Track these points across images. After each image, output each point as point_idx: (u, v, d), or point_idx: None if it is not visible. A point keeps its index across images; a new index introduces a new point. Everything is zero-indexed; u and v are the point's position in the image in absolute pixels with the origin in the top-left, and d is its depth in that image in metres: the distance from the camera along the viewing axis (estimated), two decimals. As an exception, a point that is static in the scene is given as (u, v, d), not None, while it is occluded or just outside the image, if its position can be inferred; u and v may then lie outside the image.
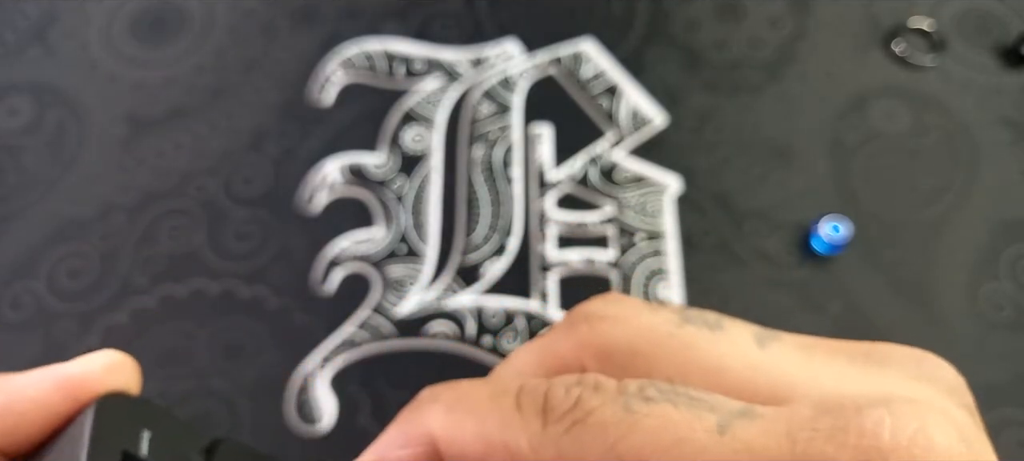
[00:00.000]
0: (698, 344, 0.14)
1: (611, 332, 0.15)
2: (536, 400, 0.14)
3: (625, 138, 0.43)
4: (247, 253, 0.40)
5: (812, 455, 0.11)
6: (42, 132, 0.44)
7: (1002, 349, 0.37)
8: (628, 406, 0.13)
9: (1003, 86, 0.44)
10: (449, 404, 0.14)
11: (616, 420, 0.13)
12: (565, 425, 0.13)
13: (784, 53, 0.46)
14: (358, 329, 0.38)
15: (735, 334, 0.14)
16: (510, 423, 0.14)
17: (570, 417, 0.13)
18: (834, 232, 0.39)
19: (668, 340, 0.14)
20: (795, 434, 0.12)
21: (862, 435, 0.11)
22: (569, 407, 0.13)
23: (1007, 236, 0.40)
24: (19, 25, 0.48)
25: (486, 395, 0.14)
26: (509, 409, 0.14)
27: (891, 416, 0.12)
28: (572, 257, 0.40)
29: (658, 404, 0.13)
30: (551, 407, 0.13)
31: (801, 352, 0.14)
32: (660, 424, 0.12)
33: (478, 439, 0.14)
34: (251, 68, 0.46)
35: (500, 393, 0.14)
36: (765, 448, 0.12)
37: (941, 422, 0.12)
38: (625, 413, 0.13)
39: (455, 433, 0.14)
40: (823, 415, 0.12)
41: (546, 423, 0.13)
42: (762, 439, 0.12)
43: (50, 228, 0.41)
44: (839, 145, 0.43)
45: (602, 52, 0.46)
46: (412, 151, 0.43)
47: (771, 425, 0.12)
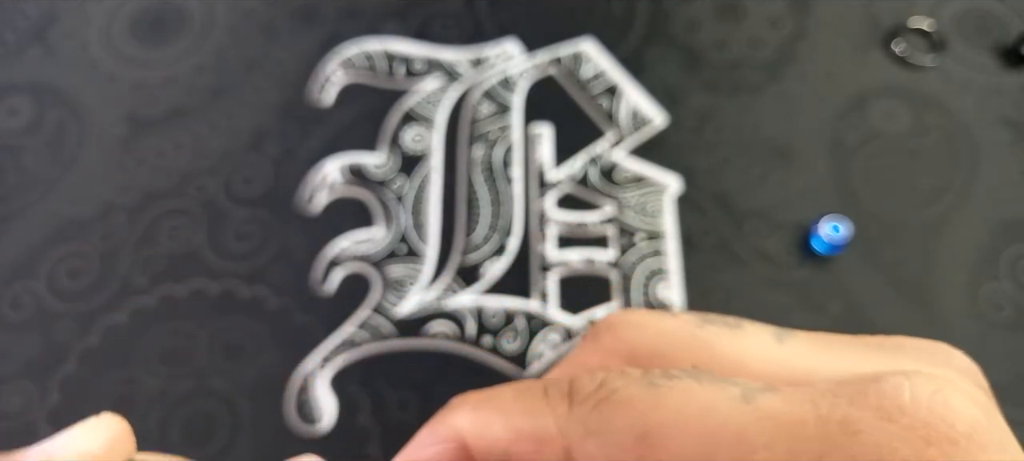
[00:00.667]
0: (718, 342, 0.15)
1: (634, 337, 0.15)
2: (561, 388, 0.14)
3: (625, 138, 0.43)
4: (247, 253, 0.40)
5: (834, 417, 0.12)
6: (42, 132, 0.44)
7: (1002, 349, 0.37)
8: (652, 382, 0.13)
9: (1003, 86, 0.44)
10: (476, 403, 0.15)
11: (640, 395, 0.13)
12: (591, 404, 0.13)
13: (784, 53, 0.46)
14: (358, 329, 0.38)
15: (754, 332, 0.15)
16: (537, 411, 0.14)
17: (596, 397, 0.13)
18: (834, 232, 0.39)
19: (690, 340, 0.15)
20: (817, 400, 0.12)
21: (882, 397, 0.12)
22: (594, 388, 0.14)
23: (1007, 236, 0.40)
24: (19, 25, 0.48)
25: (512, 392, 0.15)
26: (536, 399, 0.14)
27: (909, 382, 0.12)
28: (572, 257, 0.40)
29: (681, 380, 0.13)
30: (577, 390, 0.14)
31: (818, 344, 0.14)
32: (685, 397, 0.13)
33: (506, 430, 0.14)
34: (251, 68, 0.46)
35: (525, 389, 0.15)
36: (789, 413, 0.12)
37: (958, 390, 0.12)
38: (649, 388, 0.13)
39: (483, 428, 0.14)
40: (843, 385, 0.12)
41: (572, 405, 0.14)
42: (785, 406, 0.12)
43: (50, 228, 0.41)
44: (839, 145, 0.43)
45: (602, 52, 0.46)
46: (412, 151, 0.43)
47: (793, 395, 0.12)
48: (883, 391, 0.12)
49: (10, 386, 0.37)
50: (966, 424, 0.11)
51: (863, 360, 0.14)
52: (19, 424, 0.36)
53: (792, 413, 0.12)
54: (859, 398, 0.12)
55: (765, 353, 0.14)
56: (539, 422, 0.14)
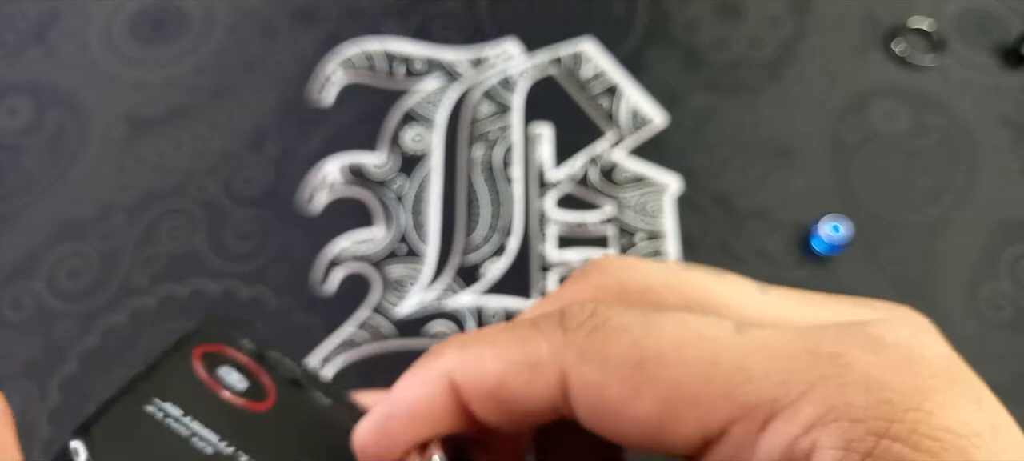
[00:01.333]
0: (706, 283, 0.15)
1: (624, 275, 0.15)
2: (552, 316, 0.14)
3: (625, 138, 0.43)
4: (247, 253, 0.40)
5: (824, 350, 0.12)
6: (42, 132, 0.44)
7: (1002, 349, 0.37)
8: (646, 313, 0.13)
9: (1003, 86, 0.44)
10: (463, 341, 0.15)
11: (636, 322, 0.13)
12: (586, 330, 0.13)
13: (784, 53, 0.46)
14: (358, 329, 0.38)
15: (738, 281, 0.15)
16: (529, 338, 0.14)
17: (590, 323, 0.13)
18: (834, 232, 0.39)
19: (677, 278, 0.15)
20: (806, 336, 0.13)
21: (867, 337, 0.12)
22: (587, 316, 0.14)
23: (1007, 236, 0.40)
24: (19, 25, 0.48)
25: (501, 327, 0.15)
26: (526, 329, 0.14)
27: (890, 325, 0.13)
28: (572, 257, 0.40)
29: (675, 312, 0.13)
30: (569, 318, 0.14)
31: (796, 297, 0.15)
32: (680, 326, 0.13)
33: (497, 361, 0.14)
34: (251, 68, 0.46)
35: (514, 323, 0.15)
36: (781, 345, 0.12)
37: (927, 327, 0.13)
38: (644, 317, 0.13)
39: (472, 364, 0.14)
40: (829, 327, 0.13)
41: (566, 331, 0.14)
42: (776, 339, 0.13)
43: (50, 228, 0.41)
44: (839, 145, 0.43)
45: (602, 52, 0.46)
46: (412, 151, 0.43)
47: (783, 330, 0.13)
48: (867, 331, 0.13)
49: (10, 386, 0.37)
50: (943, 358, 0.13)
51: (838, 312, 0.14)
52: (19, 424, 0.36)
53: (785, 345, 0.12)
54: (845, 336, 0.12)
55: (748, 300, 0.15)
56: (531, 349, 0.14)
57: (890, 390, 0.12)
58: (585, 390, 0.13)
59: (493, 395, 0.14)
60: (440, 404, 0.14)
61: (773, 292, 0.15)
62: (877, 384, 0.12)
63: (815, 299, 0.15)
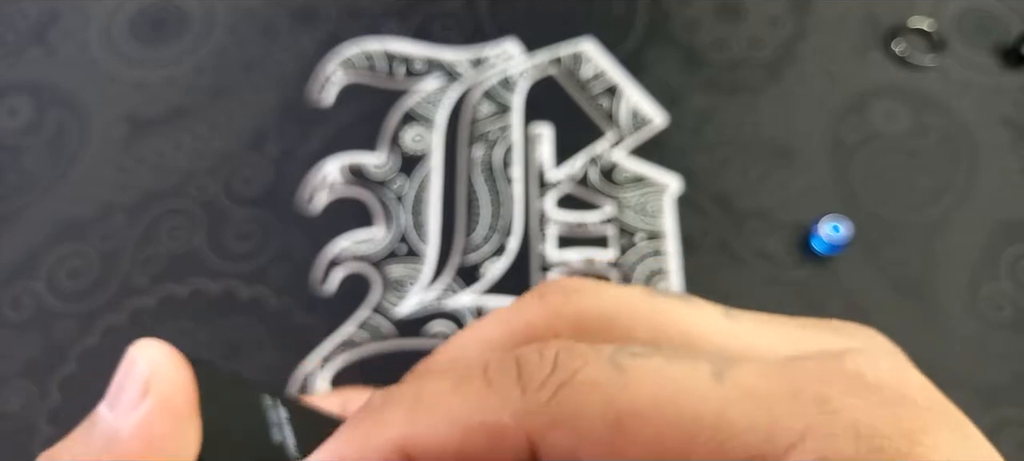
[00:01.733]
0: (671, 311, 0.14)
1: (584, 301, 0.15)
2: (507, 370, 0.13)
3: (625, 138, 0.43)
4: (247, 253, 0.40)
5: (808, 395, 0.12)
6: (42, 132, 0.44)
7: (1002, 349, 0.37)
8: (616, 362, 0.12)
9: (1003, 86, 0.44)
10: (410, 404, 0.13)
11: (607, 377, 0.12)
12: (550, 389, 0.12)
13: (784, 53, 0.46)
14: (358, 329, 0.38)
15: (704, 307, 0.14)
16: (484, 401, 0.12)
17: (554, 380, 0.12)
18: (834, 232, 0.39)
19: (641, 306, 0.14)
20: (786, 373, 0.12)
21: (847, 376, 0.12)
22: (549, 370, 0.12)
23: (1007, 236, 0.40)
24: (19, 25, 0.48)
25: (449, 384, 0.13)
26: (479, 388, 0.13)
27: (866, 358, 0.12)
28: (572, 257, 0.40)
29: (648, 358, 0.12)
30: (528, 374, 0.12)
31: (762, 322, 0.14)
32: (656, 378, 0.12)
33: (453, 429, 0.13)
34: (251, 68, 0.46)
35: (464, 377, 0.13)
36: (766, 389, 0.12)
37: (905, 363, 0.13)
38: (615, 370, 0.12)
39: (426, 434, 0.13)
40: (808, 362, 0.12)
41: (526, 390, 0.12)
42: (758, 383, 0.12)
43: (50, 228, 0.41)
44: (839, 145, 0.43)
45: (602, 52, 0.46)
46: (412, 151, 0.43)
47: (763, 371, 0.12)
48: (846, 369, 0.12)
49: (10, 386, 0.37)
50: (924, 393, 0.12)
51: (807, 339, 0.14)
52: (19, 424, 0.36)
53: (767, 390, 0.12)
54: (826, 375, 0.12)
55: (716, 326, 0.14)
56: (489, 414, 0.12)
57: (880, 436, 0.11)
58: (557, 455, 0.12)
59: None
60: None
61: (738, 317, 0.14)
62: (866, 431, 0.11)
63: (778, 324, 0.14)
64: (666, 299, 0.14)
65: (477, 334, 0.16)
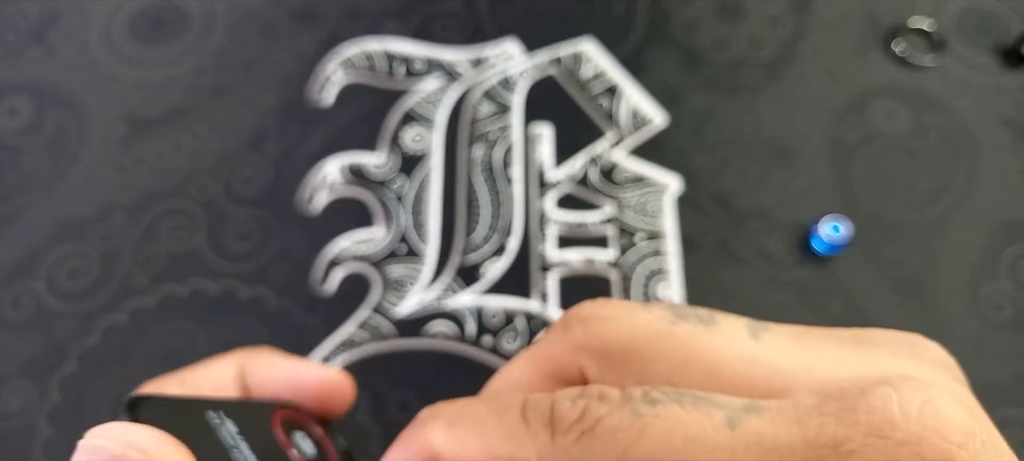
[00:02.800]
0: (693, 340, 0.14)
1: (606, 332, 0.15)
2: (542, 413, 0.13)
3: (625, 138, 0.43)
4: (247, 253, 0.40)
5: (824, 439, 0.11)
6: (42, 132, 0.44)
7: (1002, 349, 0.37)
8: (636, 410, 0.13)
9: (1003, 86, 0.44)
10: (450, 421, 0.14)
11: (625, 425, 0.13)
12: (574, 435, 0.13)
13: (784, 53, 0.46)
14: (358, 329, 0.38)
15: (728, 328, 0.14)
16: (517, 437, 0.13)
17: (579, 427, 0.13)
18: (834, 232, 0.39)
19: (664, 338, 0.14)
20: (804, 421, 0.12)
21: (871, 412, 0.11)
22: (576, 417, 0.13)
23: (1007, 236, 0.40)
24: (19, 25, 0.48)
25: (488, 412, 0.14)
26: (515, 423, 0.14)
27: (896, 392, 0.12)
28: (572, 257, 0.40)
29: (665, 406, 0.13)
30: (558, 418, 0.13)
31: (793, 340, 0.14)
32: (670, 425, 0.12)
33: (484, 454, 0.14)
34: (251, 68, 0.46)
35: (503, 408, 0.14)
36: (776, 437, 0.12)
37: (944, 394, 0.12)
38: (634, 417, 0.13)
39: (459, 450, 0.14)
40: (828, 401, 0.12)
41: (554, 434, 0.13)
42: (772, 429, 0.12)
43: (50, 228, 0.41)
44: (839, 145, 0.43)
45: (602, 52, 0.46)
46: (412, 151, 0.43)
47: (779, 415, 0.12)
48: (872, 406, 0.11)
49: (10, 386, 0.37)
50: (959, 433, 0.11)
51: (840, 359, 0.13)
52: (19, 424, 0.36)
53: (779, 437, 0.12)
54: (848, 415, 0.11)
55: (741, 351, 0.14)
56: (519, 449, 0.13)
57: None
58: None
59: None
60: None
61: (766, 335, 0.14)
62: None
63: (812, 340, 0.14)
64: (689, 325, 0.14)
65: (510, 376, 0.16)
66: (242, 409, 0.17)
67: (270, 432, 0.17)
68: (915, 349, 0.14)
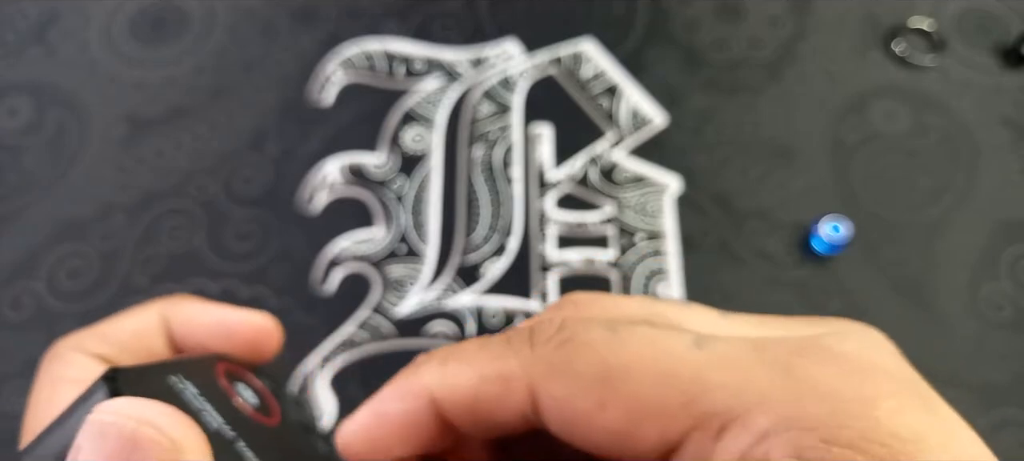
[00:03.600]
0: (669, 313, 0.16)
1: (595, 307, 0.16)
2: (523, 332, 0.15)
3: (625, 138, 0.43)
4: (247, 253, 0.40)
5: (779, 363, 0.13)
6: (42, 132, 0.44)
7: (1002, 349, 0.37)
8: (613, 327, 0.14)
9: (1003, 86, 0.44)
10: (442, 358, 0.16)
11: (601, 338, 0.14)
12: (554, 345, 0.14)
13: (784, 53, 0.46)
14: (358, 329, 0.38)
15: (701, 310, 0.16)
16: (501, 354, 0.15)
17: (558, 337, 0.14)
18: (834, 232, 0.39)
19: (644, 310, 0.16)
20: (761, 346, 0.13)
21: (819, 349, 0.13)
22: (556, 329, 0.14)
23: (1007, 236, 0.40)
24: (19, 25, 0.48)
25: (477, 343, 0.15)
26: (499, 345, 0.15)
27: (841, 337, 0.13)
28: (572, 257, 0.40)
29: (639, 326, 0.14)
30: (539, 331, 0.15)
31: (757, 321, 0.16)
32: (645, 340, 0.14)
33: (472, 377, 0.15)
34: (251, 68, 0.46)
35: (488, 339, 0.15)
36: (738, 357, 0.13)
37: (880, 341, 0.14)
38: (609, 332, 0.14)
39: (451, 379, 0.15)
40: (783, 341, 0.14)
41: (535, 345, 0.14)
42: (734, 351, 0.13)
43: (50, 228, 0.41)
44: (839, 145, 0.43)
45: (602, 52, 0.46)
46: (412, 151, 0.43)
47: (738, 343, 0.14)
48: (820, 343, 0.13)
49: (10, 386, 0.37)
50: (894, 367, 0.13)
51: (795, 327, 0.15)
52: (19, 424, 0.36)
53: (741, 357, 0.13)
54: (799, 348, 0.13)
55: (710, 321, 0.15)
56: (503, 364, 0.14)
57: (841, 399, 0.12)
58: (553, 403, 0.14)
59: (469, 409, 0.15)
60: (424, 421, 0.15)
61: (734, 317, 0.16)
62: (828, 393, 0.12)
63: (774, 323, 0.15)
64: (664, 303, 0.16)
65: None
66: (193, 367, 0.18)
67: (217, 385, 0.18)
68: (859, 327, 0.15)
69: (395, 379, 0.16)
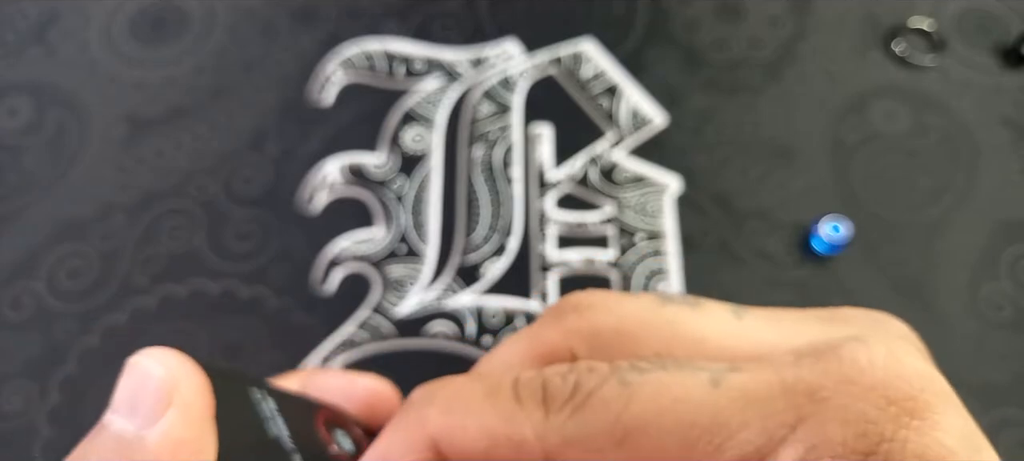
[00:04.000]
0: (679, 320, 0.15)
1: (597, 318, 0.16)
2: (535, 391, 0.14)
3: (625, 138, 0.43)
4: (247, 253, 0.40)
5: (801, 387, 0.12)
6: (42, 132, 0.44)
7: (1002, 349, 0.37)
8: (623, 380, 0.13)
9: (1003, 86, 0.44)
10: (446, 405, 0.15)
11: (615, 395, 0.13)
12: (568, 411, 0.14)
13: (784, 53, 0.46)
14: (358, 329, 0.38)
15: (712, 309, 0.15)
16: (512, 417, 0.14)
17: (572, 403, 0.14)
18: (834, 232, 0.39)
19: (652, 320, 0.15)
20: (782, 372, 0.13)
21: (842, 363, 0.13)
22: (569, 394, 0.14)
23: (1007, 236, 0.40)
24: (19, 25, 0.48)
25: (482, 393, 0.15)
26: (508, 403, 0.14)
27: (864, 346, 0.13)
28: (572, 257, 0.40)
29: (651, 373, 0.13)
30: (551, 396, 0.14)
31: (773, 318, 0.15)
32: (657, 390, 0.13)
33: (482, 437, 0.14)
34: (251, 68, 0.46)
35: (496, 389, 0.14)
36: (757, 390, 0.13)
37: (906, 348, 0.13)
38: (622, 387, 0.13)
39: (457, 434, 0.14)
40: (804, 357, 0.13)
41: (548, 412, 0.14)
42: (752, 383, 0.13)
43: (50, 228, 0.41)
44: (839, 145, 0.43)
45: (602, 52, 0.46)
46: (412, 151, 0.43)
47: (758, 372, 0.13)
48: (842, 358, 0.13)
49: (10, 386, 0.37)
50: (919, 378, 0.12)
51: (815, 331, 0.14)
52: (19, 424, 0.36)
53: (760, 389, 0.13)
54: (822, 365, 0.13)
55: (725, 328, 0.15)
56: (515, 429, 0.14)
57: (866, 421, 0.12)
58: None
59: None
60: None
61: (748, 316, 0.15)
62: (854, 416, 0.12)
63: (790, 318, 0.15)
64: (675, 307, 0.15)
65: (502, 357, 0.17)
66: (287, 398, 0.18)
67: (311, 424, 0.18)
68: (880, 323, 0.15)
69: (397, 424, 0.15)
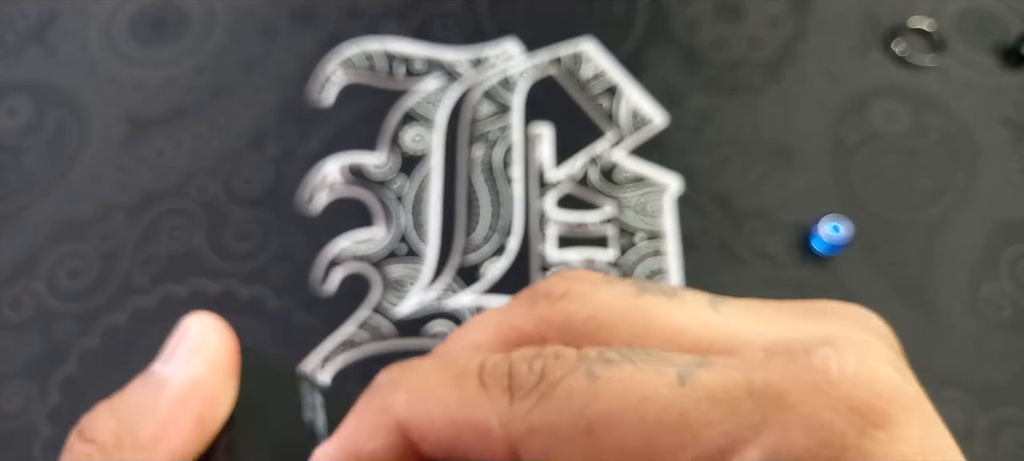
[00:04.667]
0: (655, 310, 0.15)
1: (570, 308, 0.15)
2: (500, 377, 0.14)
3: (625, 138, 0.43)
4: (247, 253, 0.40)
5: (769, 391, 0.12)
6: (42, 132, 0.44)
7: (1002, 349, 0.37)
8: (591, 372, 0.13)
9: (1003, 86, 0.44)
10: (411, 390, 0.15)
11: (581, 387, 0.13)
12: (533, 399, 0.13)
13: (784, 53, 0.46)
14: (358, 329, 0.38)
15: (690, 300, 0.15)
16: (477, 403, 0.14)
17: (537, 391, 0.13)
18: (834, 232, 0.39)
19: (627, 309, 0.15)
20: (750, 373, 0.13)
21: (812, 369, 0.12)
22: (535, 381, 0.14)
23: (1007, 236, 0.40)
24: (19, 25, 0.48)
25: (447, 378, 0.14)
26: (473, 389, 0.14)
27: (835, 351, 0.13)
28: (572, 257, 0.40)
29: (619, 366, 0.13)
30: (516, 384, 0.14)
31: (750, 310, 0.15)
32: (624, 385, 0.13)
33: (447, 423, 0.14)
34: (251, 68, 0.46)
35: (461, 374, 0.14)
36: (724, 390, 0.13)
37: (878, 355, 0.13)
38: (589, 380, 0.13)
39: (422, 419, 0.14)
40: (775, 356, 0.13)
41: (513, 399, 0.14)
42: (720, 383, 0.13)
43: (50, 228, 0.41)
44: (839, 145, 0.43)
45: (602, 52, 0.46)
46: (412, 151, 0.43)
47: (727, 370, 0.13)
48: (813, 364, 0.13)
49: (10, 386, 0.37)
50: (888, 388, 0.12)
51: (791, 326, 0.14)
52: (19, 424, 0.36)
53: (727, 389, 0.13)
54: (791, 370, 0.13)
55: (701, 319, 0.15)
56: (480, 416, 0.14)
57: (830, 431, 0.12)
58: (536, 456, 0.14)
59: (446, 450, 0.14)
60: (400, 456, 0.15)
61: (725, 306, 0.15)
62: (818, 425, 0.12)
63: (767, 311, 0.15)
64: (652, 297, 0.15)
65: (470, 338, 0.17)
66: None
67: None
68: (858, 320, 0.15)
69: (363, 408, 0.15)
